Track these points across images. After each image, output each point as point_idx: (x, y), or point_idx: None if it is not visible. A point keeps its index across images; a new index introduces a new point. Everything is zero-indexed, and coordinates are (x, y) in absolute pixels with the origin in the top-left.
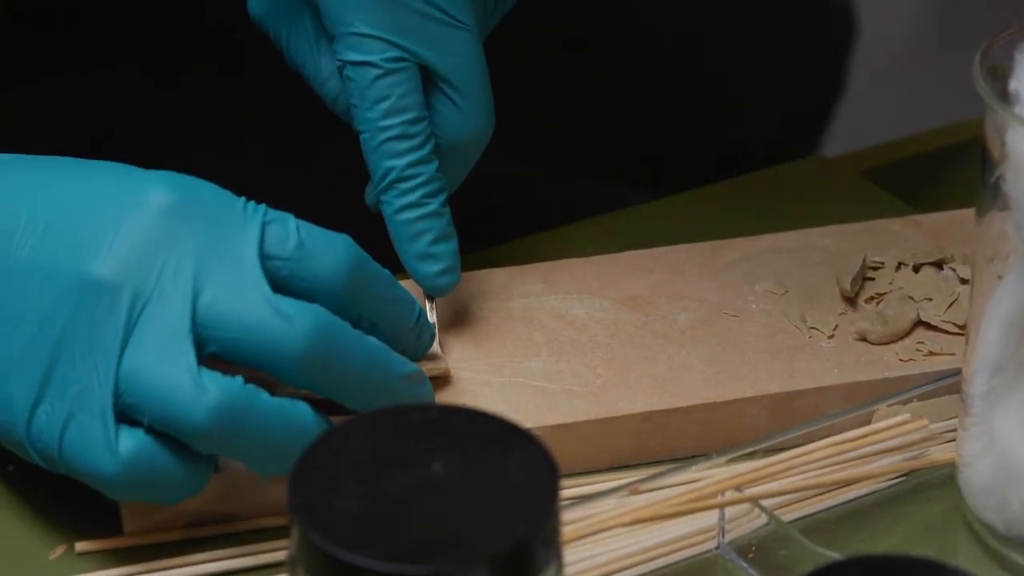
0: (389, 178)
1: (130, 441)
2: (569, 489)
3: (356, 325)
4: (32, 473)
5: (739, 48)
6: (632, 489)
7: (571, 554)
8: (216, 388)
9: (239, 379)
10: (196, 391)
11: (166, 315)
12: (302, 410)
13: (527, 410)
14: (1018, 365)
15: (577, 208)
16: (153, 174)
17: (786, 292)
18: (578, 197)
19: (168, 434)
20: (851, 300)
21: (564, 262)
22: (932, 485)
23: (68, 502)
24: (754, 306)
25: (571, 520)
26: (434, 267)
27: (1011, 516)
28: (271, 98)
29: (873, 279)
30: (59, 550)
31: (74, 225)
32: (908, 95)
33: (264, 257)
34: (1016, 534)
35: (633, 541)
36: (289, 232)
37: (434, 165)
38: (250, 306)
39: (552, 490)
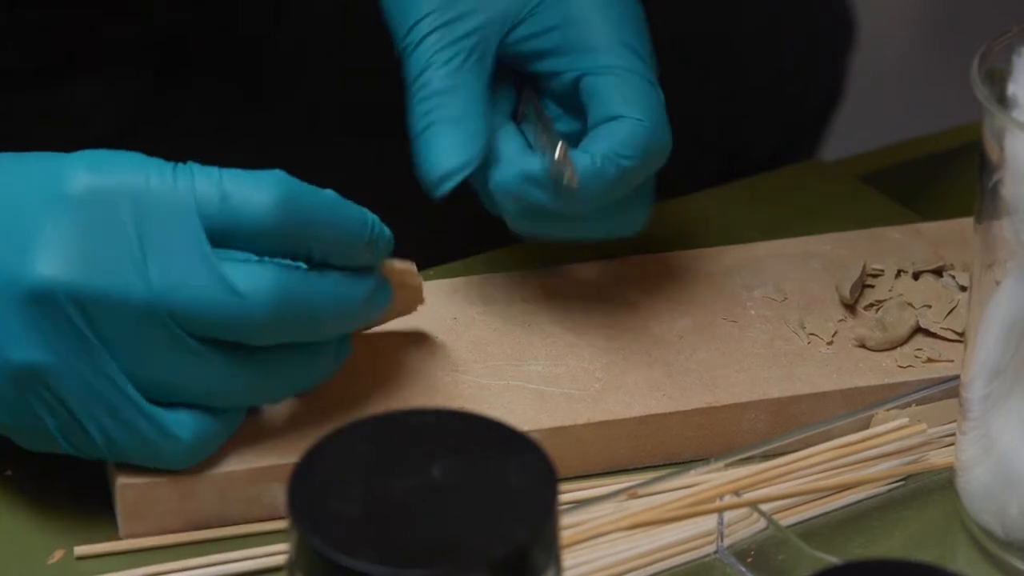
0: None
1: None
2: (568, 493)
3: (308, 260)
4: (31, 478)
5: (738, 53)
6: (631, 493)
7: (570, 559)
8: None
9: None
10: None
11: (137, 309)
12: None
13: (525, 413)
14: (1016, 369)
15: None
16: (75, 158)
17: (785, 299)
18: None
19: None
20: (850, 307)
21: (563, 267)
22: (930, 489)
23: (66, 507)
24: (753, 312)
25: (570, 524)
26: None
27: (1009, 520)
28: (273, 103)
29: (872, 286)
30: (57, 554)
31: (4, 230)
32: (907, 99)
33: (202, 218)
34: (1014, 538)
35: (632, 545)
36: (214, 186)
37: None
38: (205, 292)
39: (551, 494)
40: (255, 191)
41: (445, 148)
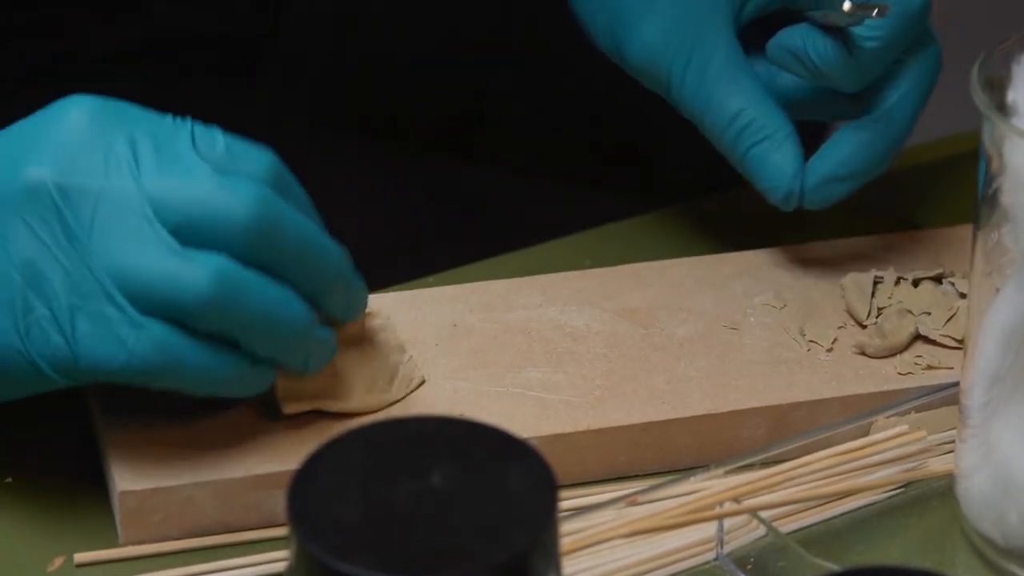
0: None
1: (153, 322)
2: (567, 500)
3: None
4: (31, 485)
5: None
6: (630, 500)
7: (570, 566)
8: (208, 260)
9: (222, 252)
10: (190, 266)
11: (124, 205)
12: (282, 285)
13: (525, 420)
14: (1016, 376)
15: (575, 220)
16: (74, 96)
17: (785, 306)
18: (576, 209)
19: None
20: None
21: (563, 274)
22: (930, 496)
23: (66, 513)
24: (753, 319)
25: (570, 531)
26: None
27: (1009, 528)
28: (273, 103)
29: (873, 294)
30: (57, 561)
31: (5, 143)
32: None
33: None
34: (1014, 546)
35: (632, 552)
36: (216, 138)
37: None
38: (198, 186)
39: (551, 501)
40: (252, 151)
41: (781, 170)
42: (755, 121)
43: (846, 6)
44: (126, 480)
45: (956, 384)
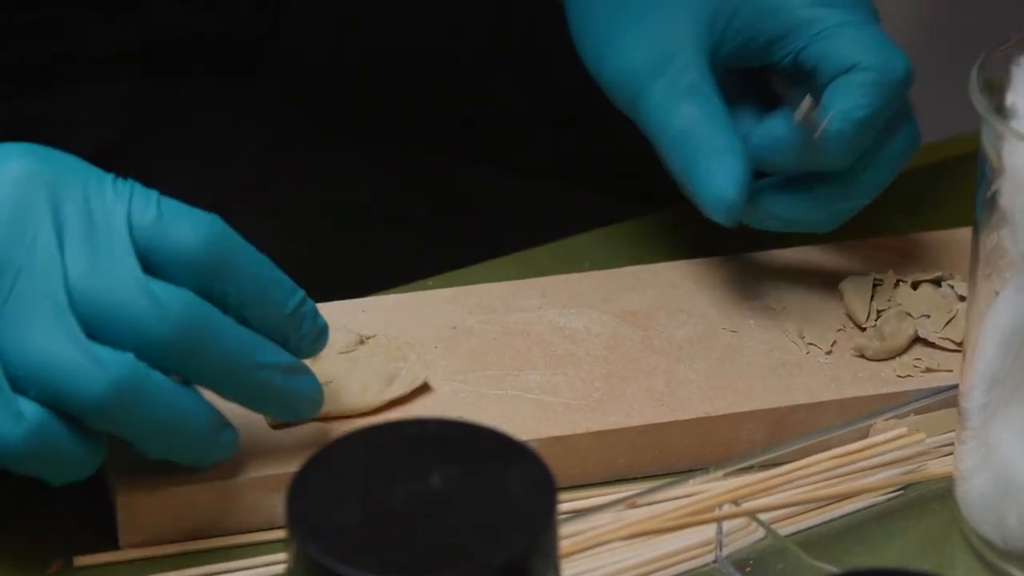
0: None
1: (32, 409)
2: (567, 503)
3: (223, 304)
4: (29, 487)
5: None
6: (630, 503)
7: (569, 568)
8: (113, 361)
9: (130, 354)
10: (92, 364)
11: (41, 286)
12: (190, 392)
13: (524, 423)
14: (1015, 378)
15: (574, 221)
16: (11, 146)
17: (784, 308)
18: (576, 210)
19: (59, 407)
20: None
21: (562, 277)
22: (929, 499)
23: (66, 516)
24: (752, 322)
25: (569, 534)
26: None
27: (1008, 530)
28: (273, 103)
29: (872, 296)
30: (56, 564)
31: None
32: None
33: (131, 227)
34: (1014, 548)
35: (631, 555)
36: (150, 203)
37: None
38: (121, 285)
39: (550, 503)
40: (190, 219)
41: (718, 180)
42: (703, 135)
43: (797, 116)
44: (125, 482)
45: (955, 386)
